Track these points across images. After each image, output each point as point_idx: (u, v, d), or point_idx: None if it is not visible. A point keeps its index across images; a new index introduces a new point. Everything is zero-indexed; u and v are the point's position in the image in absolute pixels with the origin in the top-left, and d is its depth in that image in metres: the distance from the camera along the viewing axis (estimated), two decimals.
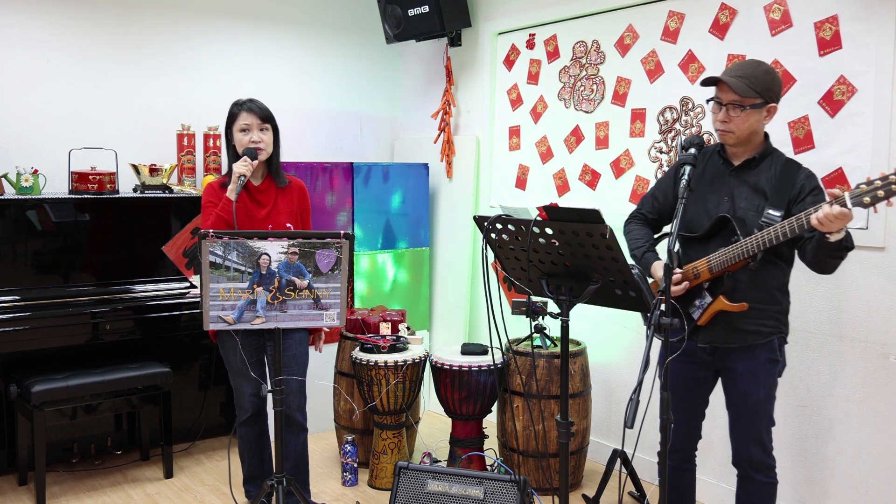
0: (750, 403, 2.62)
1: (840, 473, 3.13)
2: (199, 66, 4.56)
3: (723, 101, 2.54)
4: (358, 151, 5.24)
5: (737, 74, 2.52)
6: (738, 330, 2.59)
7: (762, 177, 2.58)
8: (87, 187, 3.91)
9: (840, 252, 2.37)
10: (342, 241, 2.65)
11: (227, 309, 2.60)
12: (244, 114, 3.16)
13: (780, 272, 2.60)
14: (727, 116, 2.54)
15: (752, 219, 2.54)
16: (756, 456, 2.63)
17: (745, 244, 2.47)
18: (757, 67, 2.55)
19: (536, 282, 2.46)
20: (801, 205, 2.47)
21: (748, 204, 2.57)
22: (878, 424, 3.01)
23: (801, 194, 2.50)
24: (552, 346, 3.71)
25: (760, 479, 2.64)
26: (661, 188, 2.86)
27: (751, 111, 2.51)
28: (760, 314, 2.58)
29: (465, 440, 3.70)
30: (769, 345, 2.61)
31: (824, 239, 2.31)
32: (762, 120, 2.56)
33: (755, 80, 2.50)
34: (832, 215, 2.23)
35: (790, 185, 2.51)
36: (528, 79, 4.42)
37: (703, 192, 2.68)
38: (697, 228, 2.67)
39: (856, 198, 2.22)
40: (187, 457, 4.13)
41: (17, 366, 3.78)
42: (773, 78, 2.55)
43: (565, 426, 2.45)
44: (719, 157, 2.69)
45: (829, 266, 2.45)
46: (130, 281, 4.00)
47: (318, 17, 5.01)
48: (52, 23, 4.11)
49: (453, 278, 4.85)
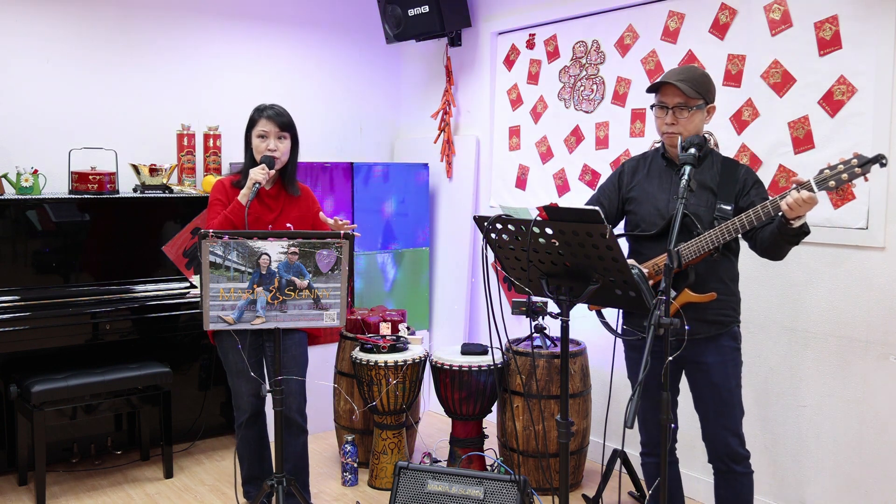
0: (724, 394, 2.70)
1: (840, 474, 3.13)
2: (198, 66, 4.56)
3: (668, 104, 2.65)
4: (358, 151, 5.24)
5: (679, 78, 2.64)
6: (703, 320, 2.68)
7: (706, 174, 2.70)
8: (87, 187, 3.91)
9: (798, 237, 2.48)
10: (342, 242, 2.65)
11: (227, 309, 2.60)
12: (263, 120, 3.14)
13: (731, 264, 2.73)
14: (674, 118, 2.65)
15: (705, 214, 2.65)
16: (734, 448, 2.70)
17: (709, 236, 2.57)
18: (695, 71, 2.69)
19: (536, 282, 2.46)
20: (747, 197, 2.63)
21: (698, 200, 2.68)
22: (877, 424, 3.01)
23: (745, 188, 2.65)
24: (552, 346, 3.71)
25: (739, 471, 2.71)
26: (605, 194, 2.93)
27: (696, 111, 2.64)
28: (720, 304, 2.68)
29: (465, 440, 3.70)
30: (731, 333, 2.72)
31: (787, 225, 2.42)
32: (704, 120, 2.70)
33: (696, 83, 2.63)
34: (801, 199, 2.34)
35: (734, 181, 2.66)
36: (528, 79, 4.42)
37: (653, 192, 2.78)
38: (650, 227, 2.75)
39: (821, 182, 2.35)
40: (187, 457, 4.14)
41: (17, 366, 3.78)
42: (710, 80, 2.70)
43: (565, 426, 2.45)
44: (662, 159, 2.80)
45: (784, 252, 2.58)
46: (130, 281, 4.00)
47: (318, 17, 5.01)
48: (52, 23, 4.11)
49: (453, 278, 4.85)
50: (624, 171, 2.90)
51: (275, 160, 3.10)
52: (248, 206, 3.01)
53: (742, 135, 3.36)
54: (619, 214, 2.92)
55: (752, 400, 3.36)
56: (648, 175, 2.81)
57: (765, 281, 3.32)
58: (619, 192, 2.89)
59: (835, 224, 3.08)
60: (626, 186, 2.87)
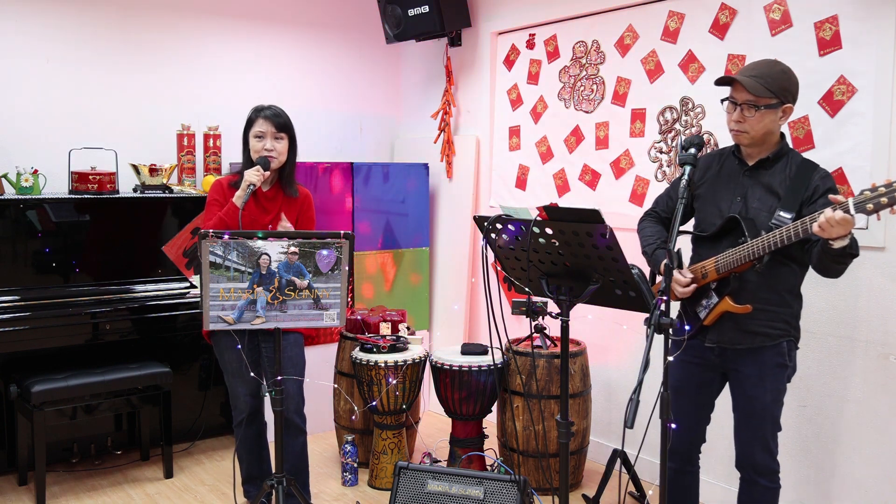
0: (756, 407, 2.59)
1: (840, 474, 3.13)
2: (199, 66, 4.56)
3: (737, 100, 2.51)
4: (358, 151, 5.24)
5: (752, 74, 2.49)
6: (746, 331, 2.57)
7: (776, 177, 2.55)
8: (87, 187, 3.91)
9: (844, 258, 2.34)
10: (342, 241, 2.65)
11: (227, 309, 2.60)
12: (260, 120, 3.13)
13: (792, 274, 2.56)
14: (742, 116, 2.51)
15: (762, 220, 2.51)
16: (760, 460, 2.61)
17: (751, 246, 2.45)
18: (773, 67, 2.52)
19: (536, 282, 2.46)
20: (813, 206, 2.43)
21: (760, 204, 2.54)
22: (878, 424, 3.01)
23: (814, 195, 2.46)
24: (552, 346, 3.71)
25: (764, 484, 2.62)
26: (675, 188, 2.86)
27: (766, 111, 2.48)
28: (769, 316, 2.55)
29: (465, 440, 3.70)
30: (777, 348, 2.57)
31: (828, 245, 2.29)
32: (777, 120, 2.52)
33: (770, 80, 2.47)
34: (834, 220, 2.20)
35: (803, 187, 2.48)
36: (528, 79, 4.42)
37: (718, 192, 2.67)
38: (710, 228, 2.65)
39: (859, 204, 2.18)
40: (187, 457, 4.13)
41: (17, 366, 3.77)
42: (789, 78, 2.52)
43: (565, 426, 2.45)
44: (734, 157, 2.67)
45: (834, 271, 2.42)
46: (130, 281, 4.00)
47: (319, 17, 5.01)
48: (52, 23, 4.11)
49: (453, 278, 4.85)
50: (697, 168, 2.73)
51: (270, 161, 3.10)
52: (243, 208, 3.00)
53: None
54: (689, 211, 2.80)
55: None
56: (719, 174, 2.70)
57: None
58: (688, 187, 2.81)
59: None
60: (696, 183, 2.74)
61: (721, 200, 2.65)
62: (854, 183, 3.00)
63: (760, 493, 2.63)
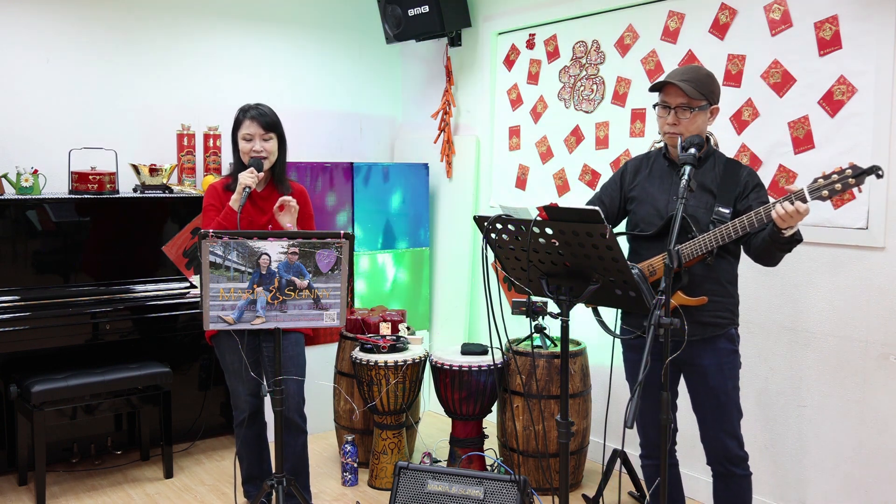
0: (721, 398, 2.68)
1: (840, 474, 3.13)
2: (199, 66, 4.56)
3: (671, 104, 2.63)
4: (358, 151, 5.24)
5: (683, 78, 2.61)
6: (699, 322, 2.66)
7: (707, 176, 2.67)
8: (87, 187, 3.91)
9: (790, 245, 2.46)
10: (342, 241, 2.65)
11: (227, 309, 2.60)
12: (247, 122, 3.11)
13: (730, 266, 2.70)
14: (676, 119, 2.63)
15: (702, 216, 2.63)
16: (733, 450, 2.69)
17: (703, 240, 2.56)
18: (699, 71, 2.66)
19: (536, 282, 2.46)
20: (745, 201, 2.60)
21: (697, 202, 2.65)
22: (877, 424, 3.01)
23: (745, 191, 2.61)
24: (552, 346, 3.72)
25: (739, 473, 2.70)
26: (606, 192, 2.93)
27: (698, 113, 2.61)
28: (716, 306, 2.66)
29: (465, 440, 3.70)
30: (727, 335, 2.70)
31: (778, 234, 2.40)
32: (707, 121, 2.66)
33: (700, 84, 2.60)
34: (793, 210, 2.32)
35: (734, 183, 2.63)
36: (528, 79, 4.42)
37: (652, 192, 2.77)
38: (649, 227, 2.74)
39: (814, 191, 2.33)
40: (187, 457, 4.13)
41: (17, 366, 3.78)
42: (714, 81, 2.67)
43: (565, 426, 2.45)
44: (664, 159, 2.79)
45: (777, 259, 2.56)
46: (130, 281, 4.00)
47: (318, 17, 5.01)
48: (52, 23, 4.11)
49: (453, 278, 4.85)
50: (626, 171, 2.89)
51: (262, 162, 3.09)
52: (241, 211, 2.99)
53: (742, 135, 3.36)
54: (620, 214, 2.91)
55: (753, 400, 3.36)
56: (650, 175, 2.80)
57: (765, 281, 3.32)
58: (620, 191, 2.88)
59: (835, 224, 3.08)
60: (627, 186, 2.86)
61: (657, 200, 2.75)
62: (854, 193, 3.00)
63: (738, 483, 2.71)
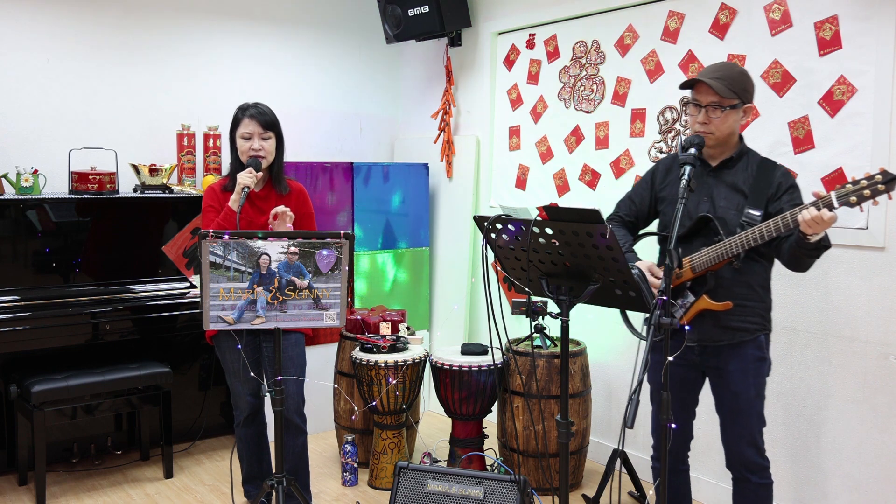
0: (742, 403, 2.62)
1: (840, 474, 3.13)
2: (198, 66, 4.56)
3: (702, 102, 2.57)
4: (358, 151, 5.24)
5: (715, 76, 2.55)
6: (726, 327, 2.61)
7: (739, 176, 2.62)
8: (87, 187, 3.91)
9: (818, 251, 2.40)
10: (342, 241, 2.65)
11: (227, 309, 2.60)
12: (246, 120, 3.11)
13: (763, 269, 2.63)
14: (707, 118, 2.57)
15: (732, 218, 2.57)
16: (750, 457, 2.63)
17: (728, 243, 2.50)
18: (732, 69, 2.59)
19: (536, 282, 2.46)
20: (778, 203, 2.52)
21: (727, 203, 2.60)
22: (878, 424, 3.01)
23: (777, 192, 2.54)
24: (552, 346, 3.72)
25: (755, 481, 2.64)
26: (637, 192, 2.90)
27: (730, 112, 2.55)
28: (745, 311, 2.61)
29: (465, 440, 3.70)
30: (756, 342, 2.63)
31: (804, 239, 2.34)
32: (739, 120, 2.60)
33: (733, 82, 2.54)
34: (819, 216, 2.26)
35: (767, 184, 2.56)
36: (528, 79, 4.42)
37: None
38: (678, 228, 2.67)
39: (842, 197, 2.26)
40: (187, 457, 4.13)
41: (17, 366, 3.78)
42: (748, 79, 2.60)
43: (565, 426, 2.45)
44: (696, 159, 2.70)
45: (806, 265, 2.49)
46: (130, 281, 4.00)
47: (318, 17, 5.01)
48: (52, 23, 4.11)
49: (453, 278, 4.85)
50: (658, 170, 2.83)
51: (261, 161, 3.08)
52: (240, 211, 2.99)
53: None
54: (651, 214, 2.86)
55: None
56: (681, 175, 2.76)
57: None
58: (651, 191, 2.83)
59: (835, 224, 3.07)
60: (658, 186, 2.81)
61: (687, 201, 2.67)
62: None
63: (754, 490, 2.66)
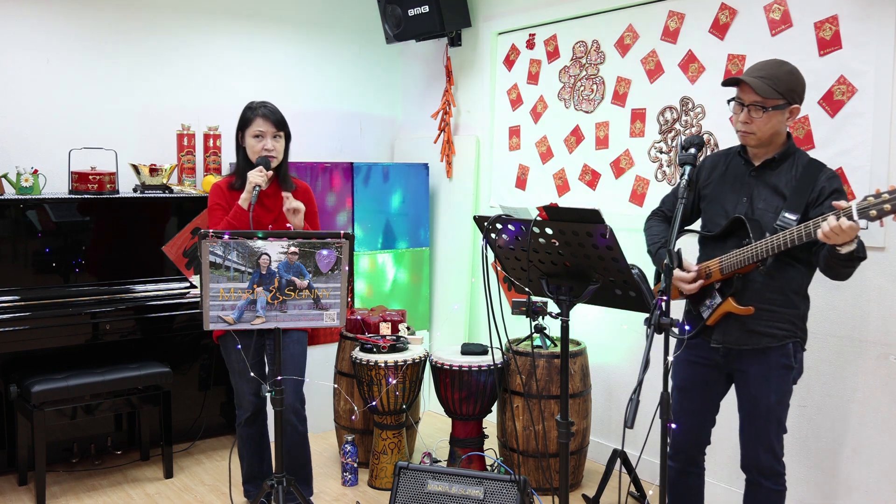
0: (760, 408, 2.57)
1: (840, 474, 3.13)
2: (199, 66, 4.56)
3: (744, 101, 2.48)
4: (358, 151, 5.24)
5: (759, 75, 2.46)
6: (751, 332, 2.55)
7: (782, 178, 2.52)
8: (87, 187, 3.91)
9: (852, 262, 2.32)
10: (342, 241, 2.65)
11: (227, 309, 2.60)
12: (259, 119, 3.11)
13: (799, 275, 2.54)
14: (749, 118, 2.48)
15: (768, 220, 2.49)
16: (764, 461, 2.59)
17: (754, 248, 2.44)
18: (780, 68, 2.48)
19: (536, 282, 2.46)
20: (820, 208, 2.41)
21: (766, 205, 2.53)
22: (878, 424, 3.01)
23: (820, 197, 2.43)
24: (552, 346, 3.72)
25: (768, 486, 2.60)
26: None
27: (773, 112, 2.46)
28: (774, 317, 2.53)
29: (465, 440, 3.70)
30: (783, 349, 2.55)
31: (835, 250, 2.27)
32: (784, 121, 2.49)
33: (778, 81, 2.44)
34: (839, 229, 2.19)
35: (809, 188, 2.45)
36: (528, 79, 4.42)
37: (724, 192, 2.65)
38: (715, 228, 2.65)
39: (862, 210, 2.17)
40: (187, 457, 4.13)
41: (17, 366, 3.78)
42: (797, 78, 2.49)
43: (565, 426, 2.45)
44: (741, 157, 2.65)
45: (843, 275, 2.41)
46: (130, 281, 4.00)
47: (318, 17, 5.01)
48: (52, 23, 4.11)
49: (453, 278, 4.85)
50: (703, 168, 2.76)
51: (271, 160, 3.09)
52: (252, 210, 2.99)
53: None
54: (695, 211, 2.80)
55: None
56: (725, 174, 2.68)
57: None
58: (695, 188, 2.76)
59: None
60: (702, 183, 2.74)
61: (727, 201, 2.64)
62: (854, 183, 3.00)
63: (765, 496, 2.61)
